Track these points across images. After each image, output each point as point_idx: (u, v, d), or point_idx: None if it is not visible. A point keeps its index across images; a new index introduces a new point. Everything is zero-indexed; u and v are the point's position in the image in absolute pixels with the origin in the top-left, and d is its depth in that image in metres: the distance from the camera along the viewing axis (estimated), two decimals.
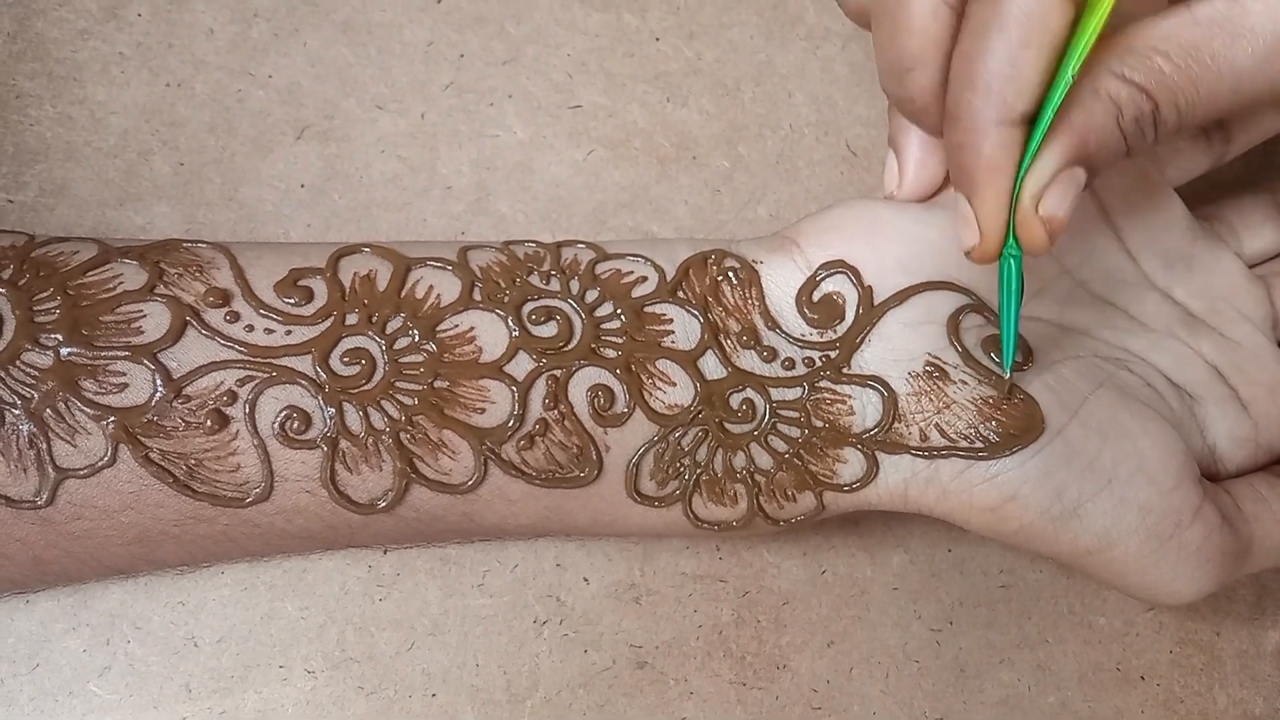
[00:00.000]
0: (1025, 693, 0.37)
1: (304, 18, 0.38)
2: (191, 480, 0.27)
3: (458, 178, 0.38)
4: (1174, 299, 0.34)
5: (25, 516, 0.27)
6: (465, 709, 0.34)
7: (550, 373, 0.29)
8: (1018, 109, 0.25)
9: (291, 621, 0.34)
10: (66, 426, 0.27)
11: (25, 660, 0.33)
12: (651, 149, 0.39)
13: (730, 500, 0.30)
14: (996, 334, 0.31)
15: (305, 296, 0.29)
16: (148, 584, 0.33)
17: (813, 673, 0.36)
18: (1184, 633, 0.38)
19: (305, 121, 0.37)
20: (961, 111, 0.26)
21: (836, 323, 0.31)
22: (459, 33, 0.39)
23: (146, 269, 0.28)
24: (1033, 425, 0.29)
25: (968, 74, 0.25)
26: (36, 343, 0.27)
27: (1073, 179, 0.26)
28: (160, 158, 0.36)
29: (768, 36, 0.41)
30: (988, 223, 0.27)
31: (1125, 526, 0.30)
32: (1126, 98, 0.26)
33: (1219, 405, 0.33)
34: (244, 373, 0.28)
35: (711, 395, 0.30)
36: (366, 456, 0.28)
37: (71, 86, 0.36)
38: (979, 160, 0.26)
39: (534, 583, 0.35)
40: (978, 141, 0.26)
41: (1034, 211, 0.26)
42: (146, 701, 0.33)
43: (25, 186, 0.35)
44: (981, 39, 0.25)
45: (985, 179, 0.26)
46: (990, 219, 0.27)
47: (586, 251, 0.32)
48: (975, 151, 0.26)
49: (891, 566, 0.37)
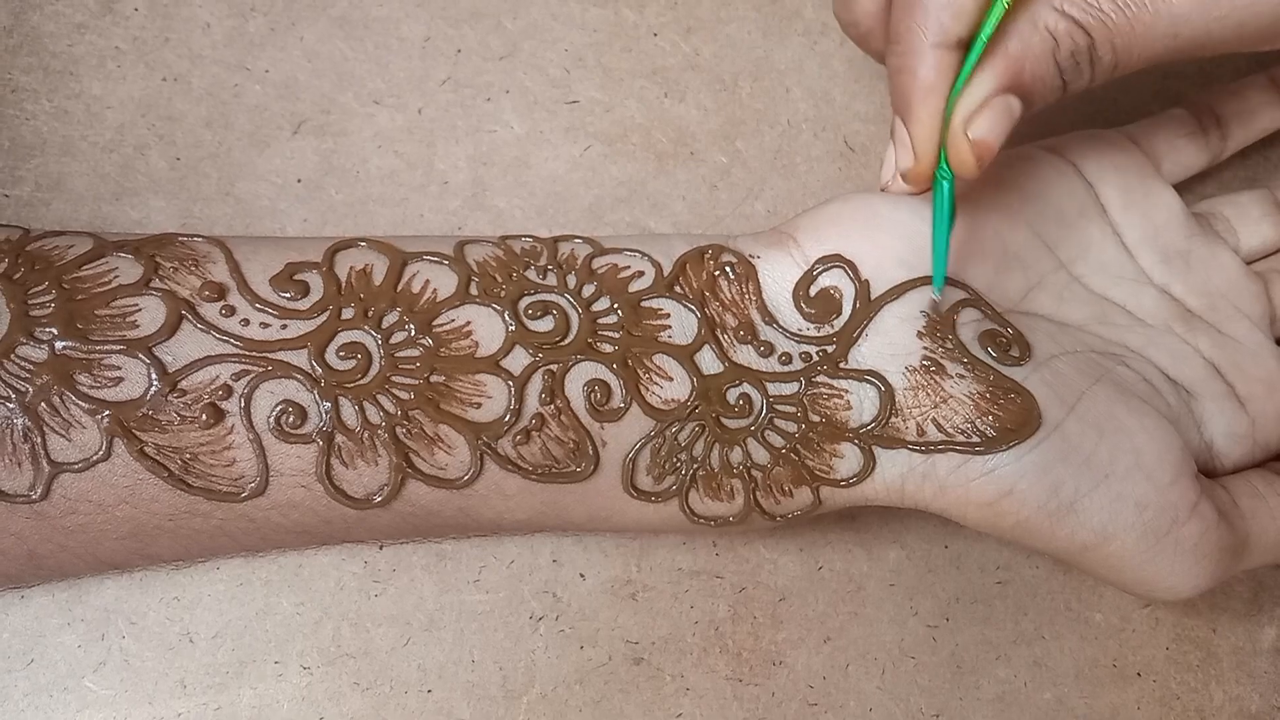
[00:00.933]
0: (1022, 689, 0.37)
1: (301, 12, 0.38)
2: (187, 475, 0.27)
3: (455, 173, 0.38)
4: (1172, 295, 0.34)
5: (20, 511, 0.27)
6: (461, 705, 0.34)
7: (547, 367, 0.29)
8: (953, 32, 0.26)
9: (287, 617, 0.34)
10: (61, 420, 0.27)
11: (20, 656, 0.32)
12: (649, 144, 0.39)
13: (727, 495, 0.30)
14: (994, 328, 0.31)
15: (301, 291, 0.29)
16: (143, 579, 0.33)
17: (809, 669, 0.36)
18: (1180, 629, 0.38)
19: (302, 116, 0.37)
20: (900, 34, 0.27)
21: (833, 317, 0.31)
22: (456, 28, 0.39)
23: (142, 263, 0.28)
24: (1030, 420, 0.29)
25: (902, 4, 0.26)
26: (31, 336, 0.27)
27: (1005, 106, 0.27)
28: (156, 152, 0.36)
29: (765, 32, 0.41)
30: (921, 145, 0.28)
31: (1122, 522, 0.30)
32: (1064, 32, 0.27)
33: (1216, 401, 0.33)
34: (239, 367, 0.28)
35: (708, 390, 0.30)
36: (362, 451, 0.28)
37: (68, 81, 0.36)
38: (914, 82, 0.27)
39: (530, 578, 0.35)
40: (914, 64, 0.27)
41: (963, 134, 0.27)
42: (141, 697, 0.33)
43: (21, 181, 0.35)
44: None
45: (919, 99, 0.27)
46: (923, 141, 0.28)
47: (584, 246, 0.31)
48: (911, 74, 0.27)
49: (888, 562, 0.37)
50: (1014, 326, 0.31)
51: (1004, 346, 0.31)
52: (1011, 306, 0.32)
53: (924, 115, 0.27)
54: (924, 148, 0.28)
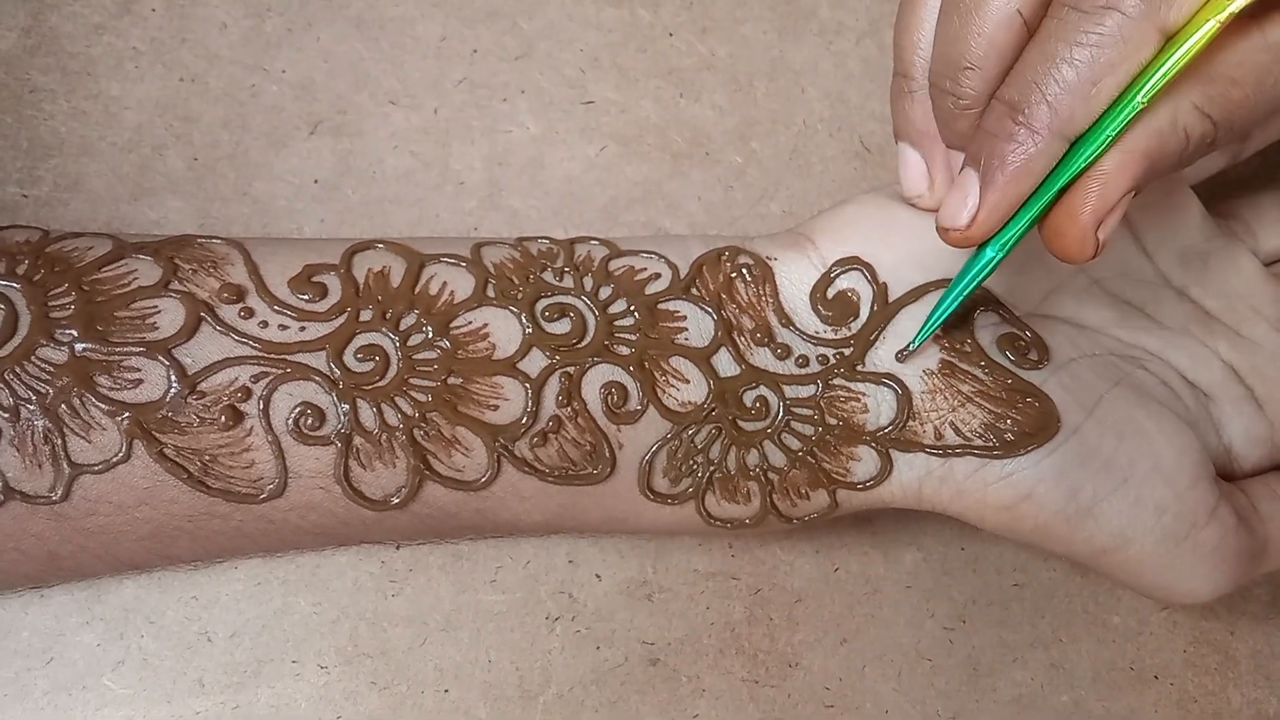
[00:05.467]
0: (1038, 692, 0.37)
1: (317, 13, 0.38)
2: (206, 476, 0.27)
3: (470, 173, 0.38)
4: (1190, 298, 0.34)
5: (41, 512, 0.27)
6: (478, 705, 0.34)
7: (563, 370, 0.29)
8: (1078, 126, 0.25)
9: (305, 617, 0.34)
10: (81, 422, 0.27)
11: (40, 654, 0.33)
12: (664, 145, 0.39)
13: (743, 498, 0.30)
14: (1012, 331, 0.31)
15: (319, 292, 0.29)
16: (161, 579, 0.33)
17: (825, 671, 0.36)
18: (1198, 632, 0.38)
19: (318, 117, 0.37)
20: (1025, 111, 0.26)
21: (851, 320, 0.31)
22: (471, 28, 0.39)
23: (161, 265, 0.28)
24: (1048, 424, 0.29)
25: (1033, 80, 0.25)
26: (51, 338, 0.27)
27: (1127, 202, 0.26)
28: (174, 152, 0.36)
29: (781, 32, 0.41)
30: (989, 216, 0.27)
31: (1140, 526, 0.30)
32: (1198, 132, 0.26)
33: (1235, 405, 0.33)
34: (258, 369, 0.28)
35: (725, 392, 0.30)
36: (380, 453, 0.28)
37: (86, 81, 0.36)
38: (1018, 160, 0.26)
39: (546, 579, 0.35)
40: (1028, 146, 0.26)
41: (1093, 232, 0.26)
42: (160, 696, 0.33)
43: (39, 181, 0.35)
44: (1062, 50, 0.25)
45: (1016, 179, 0.26)
46: (995, 214, 0.27)
47: (600, 248, 0.31)
48: (1022, 153, 0.26)
49: (904, 565, 0.37)
50: (1033, 330, 0.31)
51: (1023, 350, 0.31)
52: (1030, 309, 0.32)
53: (1010, 194, 0.26)
54: (992, 221, 0.27)
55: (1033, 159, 0.26)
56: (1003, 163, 0.26)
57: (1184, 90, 0.25)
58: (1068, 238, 0.26)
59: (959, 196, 0.27)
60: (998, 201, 0.27)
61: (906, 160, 0.31)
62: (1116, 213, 0.26)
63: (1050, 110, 0.25)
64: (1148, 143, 0.26)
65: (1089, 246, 0.26)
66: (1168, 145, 0.26)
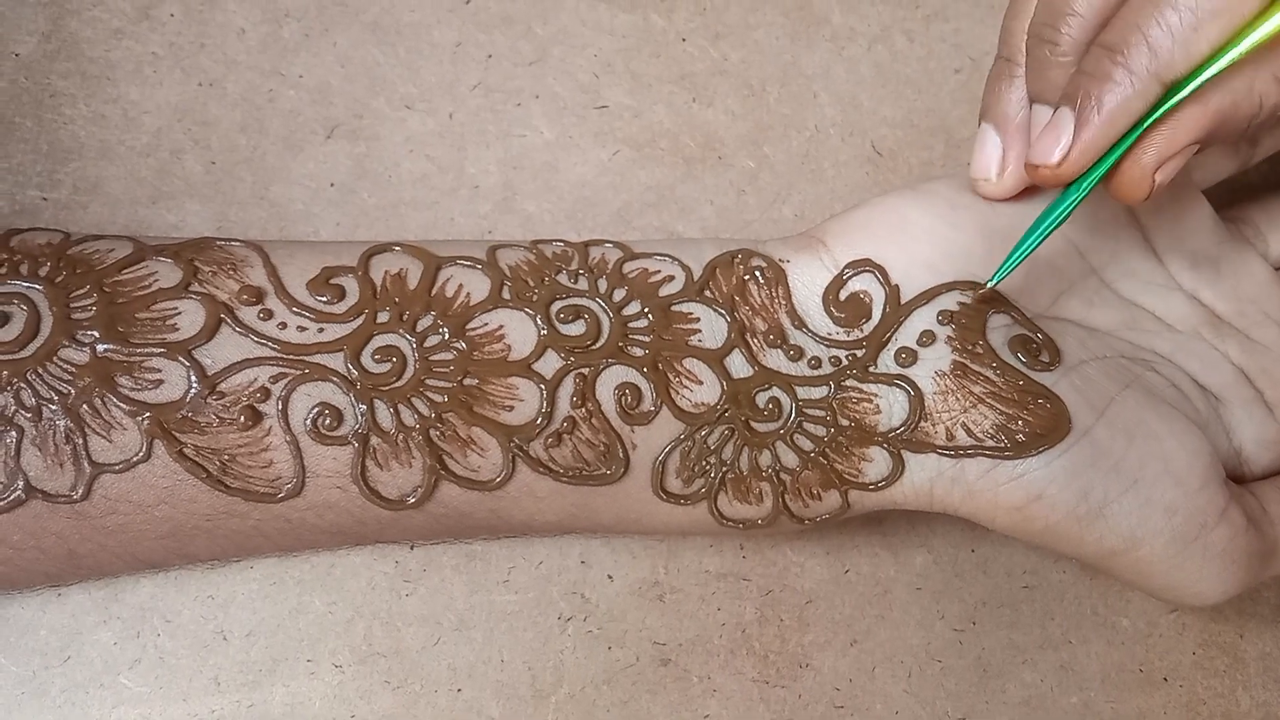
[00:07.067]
0: (1048, 693, 0.37)
1: (334, 18, 0.38)
2: (225, 476, 0.28)
3: (485, 177, 0.38)
4: (1201, 301, 0.34)
5: (61, 510, 0.27)
6: (490, 704, 0.34)
7: (578, 371, 0.29)
8: (1176, 71, 0.26)
9: (319, 616, 0.34)
10: (102, 422, 0.27)
11: (57, 652, 0.33)
12: (677, 149, 0.39)
13: (755, 498, 0.30)
14: (1024, 333, 0.31)
15: (337, 294, 0.29)
16: (178, 578, 0.34)
17: (835, 672, 0.36)
18: (1207, 634, 0.38)
19: (335, 121, 0.38)
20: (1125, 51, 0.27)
21: (863, 322, 0.31)
22: (486, 33, 0.39)
23: (181, 267, 0.29)
24: (1059, 425, 0.30)
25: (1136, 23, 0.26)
26: (73, 339, 0.27)
27: (1189, 155, 0.28)
28: (192, 156, 0.37)
29: (793, 37, 0.41)
30: (1081, 154, 0.28)
31: (1151, 527, 0.30)
32: (1273, 100, 0.27)
33: (1245, 408, 0.33)
34: (277, 369, 0.28)
35: (738, 394, 0.30)
36: (397, 453, 0.28)
37: (105, 85, 0.37)
38: (1115, 100, 0.27)
39: (559, 579, 0.35)
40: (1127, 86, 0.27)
41: (1152, 173, 0.27)
42: (176, 694, 0.33)
43: (59, 184, 0.36)
44: None
45: (1111, 119, 0.27)
46: (1087, 153, 0.28)
47: (614, 251, 0.32)
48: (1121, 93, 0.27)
49: (915, 566, 0.37)
50: (1044, 332, 0.31)
51: (1034, 352, 0.31)
52: (1041, 312, 0.32)
53: (1106, 133, 0.27)
54: (1084, 160, 0.28)
55: (1130, 100, 0.27)
56: (1099, 103, 0.27)
57: (1266, 61, 0.26)
58: (1126, 175, 0.28)
59: (1053, 134, 0.28)
60: (1091, 140, 0.28)
61: (985, 141, 0.32)
62: (1177, 160, 0.27)
63: (1150, 53, 0.26)
64: (1221, 100, 0.27)
65: (1144, 186, 0.28)
66: (1240, 108, 0.27)
